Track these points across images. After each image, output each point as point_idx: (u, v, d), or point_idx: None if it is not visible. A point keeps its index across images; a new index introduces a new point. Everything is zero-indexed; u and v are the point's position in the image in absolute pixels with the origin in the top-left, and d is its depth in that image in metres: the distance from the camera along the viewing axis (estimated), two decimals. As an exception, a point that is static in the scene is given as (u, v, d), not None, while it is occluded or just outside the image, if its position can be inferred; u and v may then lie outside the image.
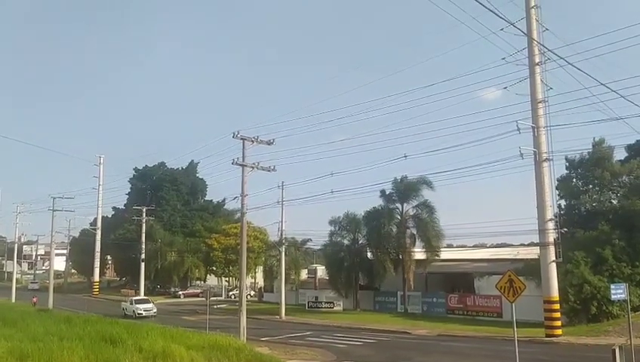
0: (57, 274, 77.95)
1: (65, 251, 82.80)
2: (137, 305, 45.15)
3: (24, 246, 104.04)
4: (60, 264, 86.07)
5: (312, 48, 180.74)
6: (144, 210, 62.39)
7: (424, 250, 43.56)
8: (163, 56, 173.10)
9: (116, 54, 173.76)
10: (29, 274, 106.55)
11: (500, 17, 12.42)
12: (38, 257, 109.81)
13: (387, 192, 45.17)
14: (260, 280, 68.00)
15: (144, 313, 43.28)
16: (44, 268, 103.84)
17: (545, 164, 28.22)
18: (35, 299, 50.57)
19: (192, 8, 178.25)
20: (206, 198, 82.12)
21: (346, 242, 48.74)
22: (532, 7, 28.14)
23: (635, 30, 18.33)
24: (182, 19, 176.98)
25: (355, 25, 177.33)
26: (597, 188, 37.13)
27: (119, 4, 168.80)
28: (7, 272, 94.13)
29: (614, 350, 15.92)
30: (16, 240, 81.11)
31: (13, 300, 59.51)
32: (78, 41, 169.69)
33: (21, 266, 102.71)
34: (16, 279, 71.04)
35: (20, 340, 17.95)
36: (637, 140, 35.99)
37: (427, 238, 43.04)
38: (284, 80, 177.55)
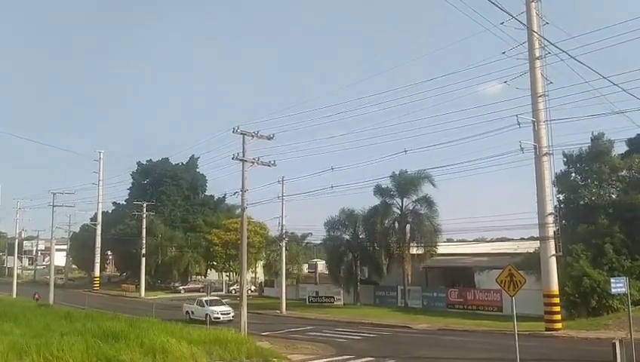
0: (58, 270, 77.94)
1: (65, 246, 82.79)
2: (212, 308, 36.44)
3: (24, 242, 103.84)
4: (60, 259, 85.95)
5: (312, 43, 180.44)
6: (144, 205, 62.52)
7: (422, 244, 43.55)
8: (163, 51, 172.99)
9: (117, 50, 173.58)
10: (29, 269, 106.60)
11: (501, 9, 12.36)
12: (39, 252, 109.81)
13: (385, 187, 45.12)
14: (261, 275, 68.07)
15: (222, 317, 35.13)
16: (44, 263, 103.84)
17: (545, 158, 28.21)
18: (37, 296, 48.88)
19: (192, 4, 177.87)
20: (206, 193, 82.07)
21: (346, 237, 48.79)
22: (532, 1, 28.05)
23: (636, 23, 18.27)
24: (181, 14, 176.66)
25: (355, 19, 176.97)
26: (596, 183, 37.09)
27: (121, 1, 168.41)
28: (8, 268, 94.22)
29: (614, 343, 15.97)
30: (17, 235, 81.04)
31: (14, 295, 59.65)
32: (79, 38, 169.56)
33: (22, 262, 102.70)
34: (17, 274, 71.13)
35: (21, 335, 18.02)
36: (638, 134, 35.91)
37: (424, 234, 43.03)
38: (284, 74, 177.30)
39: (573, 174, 38.16)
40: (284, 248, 45.76)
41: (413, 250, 43.87)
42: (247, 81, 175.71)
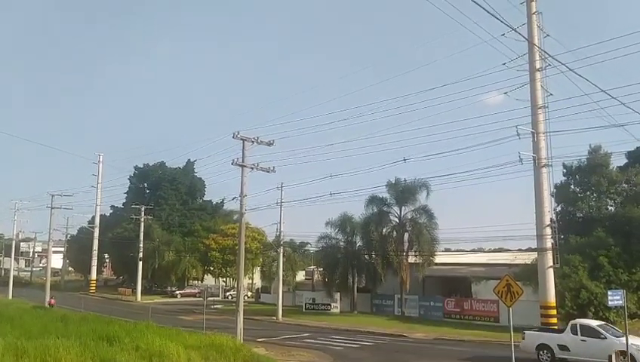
0: (54, 272, 77.83)
1: (62, 249, 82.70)
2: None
3: (22, 244, 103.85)
4: (57, 262, 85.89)
5: (314, 50, 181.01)
6: (143, 209, 62.45)
7: (420, 253, 43.49)
8: (163, 55, 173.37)
9: (116, 53, 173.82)
10: (26, 271, 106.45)
11: (502, 22, 12.48)
12: (36, 254, 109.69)
13: (382, 197, 45.13)
14: (258, 281, 67.97)
15: None
16: (41, 265, 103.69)
17: (544, 170, 28.32)
18: (52, 301, 45.74)
19: (193, 6, 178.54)
20: (205, 198, 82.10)
21: (342, 244, 48.74)
22: (533, 13, 28.26)
23: (635, 38, 18.43)
24: (182, 18, 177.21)
25: (357, 29, 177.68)
26: (594, 195, 37.20)
27: (119, 3, 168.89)
28: (5, 269, 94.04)
29: (610, 356, 16.00)
30: (14, 237, 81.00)
31: (10, 297, 59.47)
32: (78, 40, 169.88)
33: (18, 263, 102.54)
34: (14, 276, 71.03)
35: (17, 337, 17.95)
36: (637, 147, 36.11)
37: (423, 243, 42.98)
38: (285, 81, 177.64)
39: (572, 186, 38.27)
40: (281, 254, 45.72)
41: (411, 259, 43.85)
42: (247, 85, 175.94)
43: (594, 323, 22.60)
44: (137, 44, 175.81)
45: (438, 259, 44.68)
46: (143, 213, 62.19)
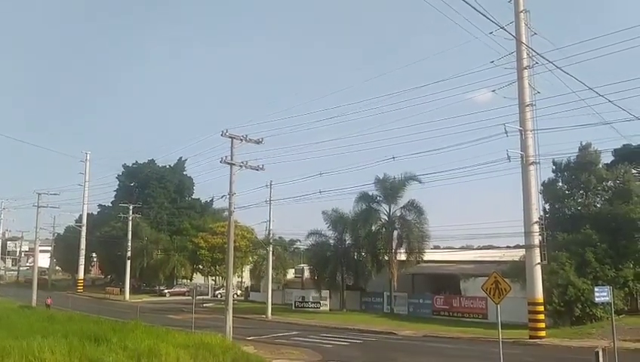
0: (41, 271, 77.11)
1: (49, 248, 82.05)
2: None
3: (8, 243, 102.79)
4: (44, 261, 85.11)
5: (302, 48, 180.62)
6: (131, 207, 62.09)
7: (408, 251, 43.62)
8: (153, 53, 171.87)
9: (104, 52, 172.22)
10: (12, 270, 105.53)
11: (490, 20, 12.50)
12: (22, 253, 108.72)
13: (371, 194, 45.18)
14: (247, 280, 67.85)
15: None
16: (28, 264, 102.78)
17: (531, 167, 28.49)
18: (49, 301, 43.92)
19: (183, 5, 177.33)
20: (193, 196, 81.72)
21: (332, 242, 48.77)
22: (521, 12, 28.39)
23: (621, 36, 18.59)
24: (173, 17, 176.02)
25: (345, 26, 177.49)
26: (582, 192, 37.47)
27: (119, 3, 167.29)
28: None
29: (597, 352, 16.08)
30: (1, 236, 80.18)
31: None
32: (69, 39, 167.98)
33: (5, 262, 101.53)
34: (0, 275, 70.40)
35: (3, 337, 17.78)
36: (624, 145, 36.42)
37: (412, 240, 43.10)
38: (284, 81, 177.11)
39: (560, 183, 38.51)
40: (270, 253, 45.64)
41: (401, 256, 43.95)
42: (236, 84, 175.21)
43: None
44: (128, 42, 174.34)
45: (427, 257, 44.87)
46: (130, 211, 61.84)
